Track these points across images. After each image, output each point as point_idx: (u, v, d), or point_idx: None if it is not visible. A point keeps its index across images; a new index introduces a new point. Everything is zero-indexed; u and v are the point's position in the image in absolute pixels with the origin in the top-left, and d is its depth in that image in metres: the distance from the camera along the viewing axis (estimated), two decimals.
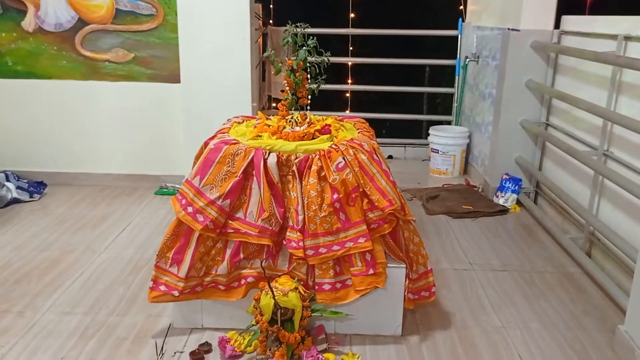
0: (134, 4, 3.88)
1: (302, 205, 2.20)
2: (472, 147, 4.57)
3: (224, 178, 2.24)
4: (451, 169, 4.53)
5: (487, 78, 4.25)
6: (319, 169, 2.21)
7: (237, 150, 2.26)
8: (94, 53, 3.98)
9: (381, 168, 2.27)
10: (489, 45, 4.26)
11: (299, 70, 2.50)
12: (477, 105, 4.49)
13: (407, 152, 5.17)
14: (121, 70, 4.00)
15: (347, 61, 5.41)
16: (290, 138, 2.37)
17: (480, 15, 4.60)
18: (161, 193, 4.00)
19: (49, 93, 4.03)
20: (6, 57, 3.98)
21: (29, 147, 4.12)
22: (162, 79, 4.01)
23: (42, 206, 3.73)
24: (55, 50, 3.97)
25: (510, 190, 3.75)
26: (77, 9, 3.89)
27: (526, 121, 3.73)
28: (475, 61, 4.58)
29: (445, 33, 4.99)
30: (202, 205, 2.21)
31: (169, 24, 3.91)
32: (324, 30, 5.02)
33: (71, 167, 4.15)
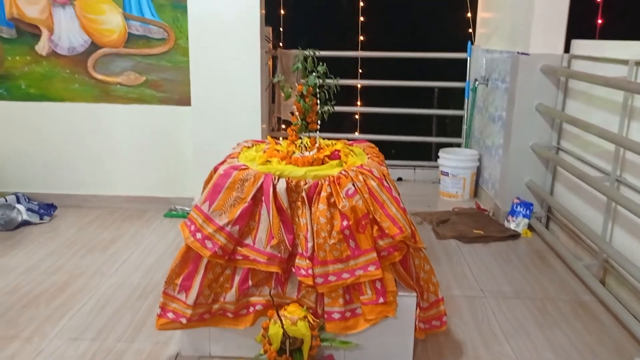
0: (146, 28, 3.93)
1: (311, 232, 2.18)
2: (482, 170, 4.55)
3: (233, 204, 2.24)
4: (461, 192, 4.50)
5: (497, 101, 4.24)
6: (328, 195, 2.19)
7: (246, 176, 2.25)
8: (105, 76, 4.02)
9: (391, 194, 2.25)
10: (499, 68, 4.26)
11: (309, 95, 2.50)
12: (487, 128, 4.47)
13: (417, 174, 5.15)
14: (132, 93, 4.03)
15: (356, 83, 5.43)
16: (300, 163, 2.36)
17: (489, 38, 4.61)
18: (170, 215, 4.00)
19: (61, 115, 4.07)
20: (20, 80, 4.03)
21: (40, 169, 4.15)
22: (173, 102, 4.04)
23: (52, 228, 3.74)
24: (68, 73, 4.01)
25: (521, 215, 3.72)
26: (90, 33, 3.94)
27: (537, 145, 3.70)
28: (484, 84, 4.58)
29: (454, 56, 5.00)
30: (211, 231, 2.20)
31: (180, 48, 3.94)
32: (334, 53, 5.04)
33: (81, 189, 4.17)
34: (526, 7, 3.70)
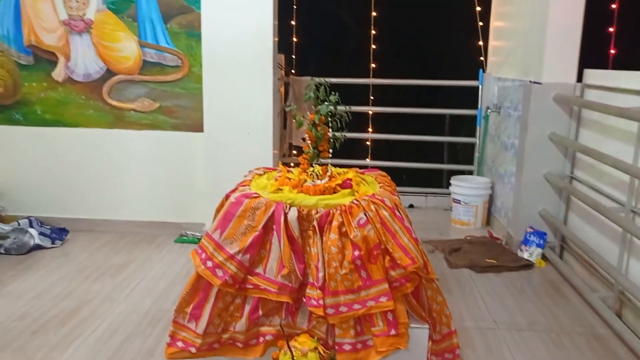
0: (161, 56, 3.98)
1: (322, 262, 2.16)
2: (494, 198, 4.52)
3: (244, 232, 2.23)
4: (473, 219, 4.47)
5: (509, 129, 4.23)
6: (340, 225, 2.18)
7: (257, 204, 2.25)
8: (120, 102, 4.06)
9: (403, 224, 2.24)
10: (511, 97, 4.26)
11: (321, 124, 2.51)
12: (499, 156, 4.45)
13: (429, 201, 5.12)
14: (146, 119, 4.08)
15: (367, 110, 5.45)
16: (311, 192, 2.36)
17: (501, 67, 4.63)
18: (181, 241, 4.00)
19: (76, 141, 4.11)
20: (36, 105, 4.09)
21: (53, 193, 4.18)
22: (186, 128, 4.07)
23: (63, 253, 3.75)
24: (83, 99, 4.06)
25: (534, 244, 3.67)
26: (106, 60, 4.00)
27: (550, 174, 3.68)
28: (496, 112, 4.57)
29: (466, 84, 5.01)
30: (222, 259, 2.19)
31: (194, 75, 3.99)
32: (345, 80, 5.08)
33: (93, 214, 4.19)
34: (538, 36, 3.71)
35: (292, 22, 5.51)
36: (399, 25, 5.75)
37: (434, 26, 5.85)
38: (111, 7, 3.92)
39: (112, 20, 3.94)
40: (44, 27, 3.97)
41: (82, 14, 3.93)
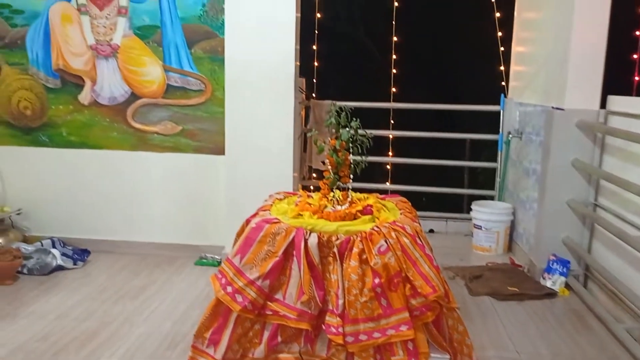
0: (184, 80, 4.05)
1: (342, 289, 2.15)
2: (516, 224, 4.47)
3: (264, 258, 2.23)
4: (495, 246, 4.42)
5: (531, 155, 4.20)
6: (360, 252, 2.17)
7: (278, 230, 2.25)
8: (143, 125, 4.13)
9: (424, 252, 2.22)
10: (532, 122, 4.23)
11: (342, 150, 2.52)
12: (521, 182, 4.41)
13: (449, 226, 5.08)
14: (169, 142, 4.13)
15: (388, 134, 5.46)
16: (332, 218, 2.36)
17: (523, 92, 4.61)
18: (201, 263, 4.02)
19: (99, 162, 4.18)
20: (62, 127, 4.17)
21: (76, 214, 4.24)
22: (208, 151, 4.11)
23: (84, 274, 3.79)
24: (108, 122, 4.14)
25: (558, 273, 3.61)
26: (131, 84, 4.08)
27: (573, 201, 3.63)
28: (518, 137, 4.54)
29: (487, 108, 5.00)
30: (242, 285, 2.19)
31: (217, 99, 4.04)
32: (366, 104, 5.10)
33: (115, 235, 4.23)
34: (560, 62, 3.70)
35: (314, 47, 5.57)
36: (420, 50, 5.79)
37: (455, 51, 5.86)
38: (137, 32, 4.01)
39: (138, 45, 4.03)
40: (72, 51, 4.07)
41: (109, 39, 4.03)
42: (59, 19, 4.03)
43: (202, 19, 3.95)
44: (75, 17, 4.02)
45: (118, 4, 3.98)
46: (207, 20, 3.95)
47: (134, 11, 3.98)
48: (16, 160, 4.22)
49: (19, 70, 4.12)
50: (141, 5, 3.97)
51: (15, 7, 4.04)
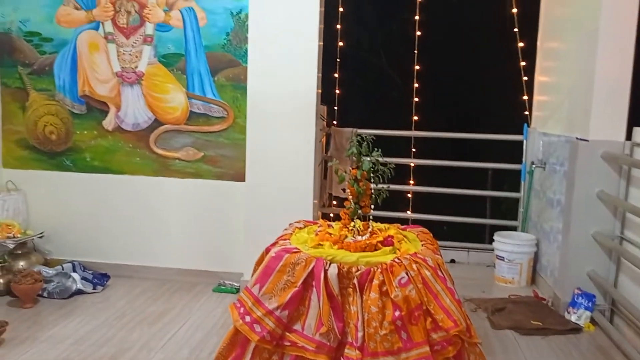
0: (207, 107, 4.09)
1: (362, 321, 2.12)
2: (540, 255, 4.38)
3: (283, 287, 2.22)
4: (518, 278, 4.33)
5: (555, 185, 4.14)
6: (380, 284, 2.15)
7: (297, 260, 2.24)
8: (166, 151, 4.17)
9: (446, 285, 2.18)
10: (556, 153, 4.17)
11: (363, 180, 2.51)
12: (545, 213, 4.34)
13: (471, 257, 5.00)
14: (190, 168, 4.16)
15: (409, 162, 5.43)
16: (352, 249, 2.34)
17: (546, 122, 4.56)
18: (219, 290, 4.00)
19: (121, 188, 4.22)
20: (86, 152, 4.23)
21: (97, 238, 4.27)
22: (228, 177, 4.13)
23: (103, 298, 3.79)
24: (131, 147, 4.19)
25: (583, 307, 3.52)
26: (155, 111, 4.13)
27: (598, 234, 3.55)
28: (542, 167, 4.49)
29: (510, 138, 4.96)
30: (260, 315, 2.18)
31: (238, 126, 4.07)
32: (387, 132, 5.09)
33: (135, 260, 4.24)
34: (585, 92, 3.66)
35: (335, 75, 5.60)
36: (442, 79, 5.79)
37: (478, 80, 5.85)
38: (162, 60, 4.08)
39: (162, 73, 4.09)
40: (97, 78, 4.15)
41: (134, 67, 4.10)
42: (86, 47, 4.12)
43: (226, 48, 4.01)
44: (102, 45, 4.10)
45: (144, 32, 4.06)
46: (231, 48, 4.01)
47: (160, 39, 4.06)
48: (40, 184, 4.28)
49: (46, 96, 4.21)
50: (167, 34, 4.05)
51: (45, 35, 4.15)
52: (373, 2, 7.00)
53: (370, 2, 6.99)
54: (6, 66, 4.21)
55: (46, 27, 4.14)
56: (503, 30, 5.01)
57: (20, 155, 4.29)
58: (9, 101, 4.25)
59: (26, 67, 4.20)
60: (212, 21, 4.00)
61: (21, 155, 4.29)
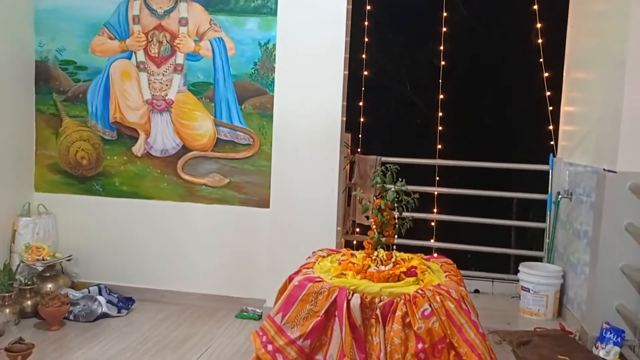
0: (234, 134, 4.16)
1: (384, 353, 2.11)
2: (566, 287, 4.30)
3: (305, 317, 2.22)
4: (544, 310, 4.25)
5: (582, 217, 4.08)
6: (403, 315, 2.14)
7: (320, 289, 2.25)
8: (192, 177, 4.24)
9: (470, 318, 2.17)
10: (583, 184, 4.13)
11: (387, 209, 2.52)
12: (572, 244, 4.27)
13: (495, 287, 4.93)
14: (216, 194, 4.22)
15: (433, 190, 5.42)
16: (375, 279, 2.34)
17: (573, 152, 4.52)
18: (242, 316, 4.01)
19: (148, 212, 4.29)
20: (115, 177, 4.33)
21: (124, 262, 4.33)
22: (253, 204, 4.17)
23: (128, 322, 3.83)
24: (159, 173, 4.27)
25: (611, 342, 3.43)
26: (183, 137, 4.22)
27: (627, 267, 3.48)
28: (568, 198, 4.43)
29: (535, 167, 4.92)
30: (282, 344, 2.18)
31: (264, 153, 4.13)
32: (411, 160, 5.10)
33: (160, 284, 4.29)
34: (612, 123, 3.63)
35: (360, 103, 5.65)
36: (466, 108, 5.80)
37: (503, 109, 5.85)
38: (191, 88, 4.18)
39: (191, 101, 4.19)
40: (128, 105, 4.26)
41: (164, 94, 4.21)
42: (119, 75, 4.24)
43: (253, 77, 4.10)
44: (134, 74, 4.23)
45: (175, 61, 4.17)
46: (258, 78, 4.09)
47: (189, 69, 4.17)
48: (70, 207, 4.38)
49: (78, 122, 4.34)
50: (196, 63, 4.15)
51: (80, 64, 4.29)
52: (398, 32, 7.09)
53: (395, 32, 7.08)
54: (42, 93, 4.36)
55: (81, 56, 4.29)
56: (529, 61, 5.02)
57: (51, 179, 4.40)
58: (43, 127, 4.38)
59: (61, 94, 4.34)
60: (240, 51, 4.10)
61: (53, 179, 4.40)
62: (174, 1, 4.14)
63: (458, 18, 6.46)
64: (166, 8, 4.15)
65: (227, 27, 4.10)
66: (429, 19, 5.76)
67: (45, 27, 4.30)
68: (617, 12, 3.66)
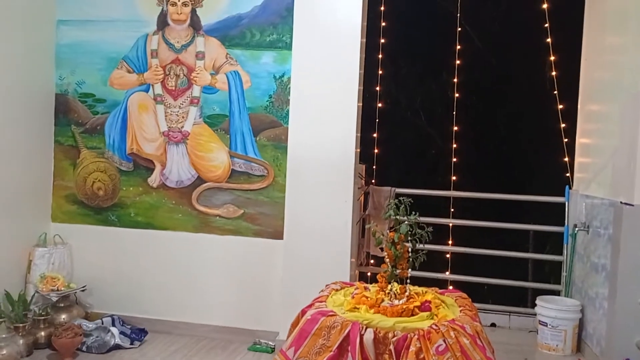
0: (248, 165, 4.19)
1: None
2: (585, 322, 4.21)
3: (318, 352, 2.20)
4: (562, 345, 4.16)
5: (600, 250, 4.02)
6: (417, 351, 2.11)
7: (333, 323, 2.23)
8: (207, 208, 4.26)
9: (485, 355, 2.13)
10: (600, 216, 4.08)
11: (400, 243, 2.51)
12: (589, 278, 4.20)
13: (512, 321, 4.84)
14: (230, 225, 4.23)
15: (448, 222, 5.38)
16: (389, 313, 2.32)
17: (589, 184, 4.48)
18: (254, 349, 3.98)
19: (162, 243, 4.31)
20: (130, 208, 4.37)
21: (137, 293, 4.34)
22: (267, 235, 4.18)
23: (140, 354, 3.82)
24: (174, 204, 4.30)
25: None
26: (198, 169, 4.26)
27: None
28: (585, 230, 4.37)
29: (551, 199, 4.88)
30: None
31: (278, 185, 4.15)
32: (426, 192, 5.08)
33: (172, 316, 4.28)
34: (628, 156, 3.60)
35: (374, 135, 5.68)
36: (481, 139, 5.80)
37: (518, 141, 5.84)
38: (207, 120, 4.24)
39: (207, 133, 4.24)
40: (145, 137, 4.33)
41: (180, 126, 4.27)
42: (136, 108, 4.32)
43: (268, 109, 4.15)
44: (151, 106, 4.30)
45: (191, 94, 4.24)
46: (273, 110, 4.14)
47: (205, 101, 4.23)
48: (86, 238, 4.42)
49: (96, 154, 4.41)
50: (212, 96, 4.22)
51: (98, 96, 4.38)
52: (412, 64, 7.16)
53: (410, 64, 7.15)
54: (61, 125, 4.45)
55: (100, 89, 4.38)
56: (543, 92, 5.03)
57: (68, 209, 4.45)
58: (61, 158, 4.45)
59: (79, 126, 4.43)
60: (255, 84, 4.16)
61: (69, 210, 4.45)
62: (192, 36, 4.23)
63: (472, 50, 6.51)
64: (184, 42, 4.24)
65: (243, 60, 4.17)
66: (443, 51, 5.81)
67: (65, 61, 4.41)
68: (631, 45, 3.67)
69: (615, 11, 4.06)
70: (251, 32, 4.16)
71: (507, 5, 6.64)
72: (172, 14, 4.24)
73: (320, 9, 3.96)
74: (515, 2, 6.51)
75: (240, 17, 4.17)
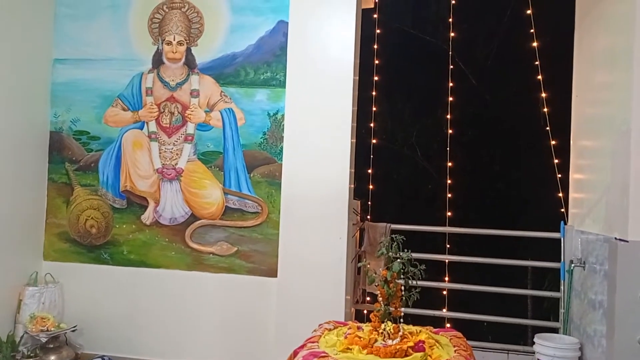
0: (242, 202, 4.18)
1: None
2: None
3: None
4: None
5: (596, 286, 3.98)
6: None
7: None
8: (200, 245, 4.23)
9: None
10: (595, 252, 4.05)
11: (393, 281, 2.48)
12: (587, 315, 4.15)
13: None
14: (223, 263, 4.19)
15: (443, 258, 5.34)
16: (382, 354, 2.28)
17: (584, 220, 4.47)
18: None
19: (155, 282, 4.26)
20: (123, 246, 4.33)
21: (129, 333, 4.27)
22: (260, 273, 4.14)
23: None
24: (167, 241, 4.27)
25: None
26: (192, 206, 4.25)
27: None
28: (581, 266, 4.34)
29: (546, 235, 4.85)
30: None
31: (272, 221, 4.13)
32: (421, 228, 5.06)
33: (165, 356, 4.20)
34: (621, 192, 3.60)
35: (369, 171, 5.68)
36: (476, 175, 5.82)
37: (512, 177, 5.87)
38: (201, 157, 4.25)
39: (201, 169, 4.25)
40: (139, 174, 4.33)
41: (174, 163, 4.27)
42: (130, 145, 4.34)
43: (262, 146, 4.16)
44: (145, 143, 4.32)
45: (185, 131, 4.26)
46: (267, 147, 4.16)
47: (200, 138, 4.25)
48: (77, 276, 4.37)
49: (89, 191, 4.40)
50: (206, 133, 4.24)
51: (93, 134, 4.40)
52: (407, 100, 7.24)
53: (405, 101, 7.23)
54: (54, 162, 4.45)
55: (94, 127, 4.40)
56: (536, 128, 5.06)
57: (60, 248, 4.42)
58: (54, 196, 4.44)
59: (73, 164, 4.43)
60: (250, 121, 4.19)
61: (61, 248, 4.41)
62: (186, 74, 4.28)
63: (466, 87, 6.59)
64: (178, 80, 4.28)
65: (237, 98, 4.21)
66: (438, 88, 5.88)
67: (60, 99, 4.44)
68: (620, 82, 3.72)
69: (604, 49, 4.12)
70: (245, 71, 4.20)
71: (499, 43, 6.76)
72: (167, 53, 4.30)
73: (313, 47, 4.02)
74: (506, 40, 6.63)
75: (235, 56, 4.22)
